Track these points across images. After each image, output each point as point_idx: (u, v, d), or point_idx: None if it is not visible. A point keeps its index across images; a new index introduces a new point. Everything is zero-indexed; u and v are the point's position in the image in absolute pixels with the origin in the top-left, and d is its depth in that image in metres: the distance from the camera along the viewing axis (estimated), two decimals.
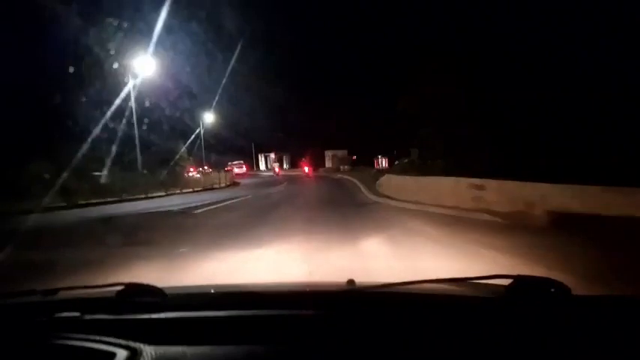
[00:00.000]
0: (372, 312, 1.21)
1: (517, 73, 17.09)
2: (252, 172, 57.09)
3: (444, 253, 5.34)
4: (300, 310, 1.23)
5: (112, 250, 6.57)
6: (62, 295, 1.43)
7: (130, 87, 23.55)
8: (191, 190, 25.74)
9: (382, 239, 6.42)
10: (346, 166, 49.46)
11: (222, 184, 32.15)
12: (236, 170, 55.51)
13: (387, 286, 1.29)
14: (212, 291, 1.53)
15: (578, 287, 1.17)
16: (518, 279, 1.18)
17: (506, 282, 1.21)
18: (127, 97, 25.78)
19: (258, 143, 71.35)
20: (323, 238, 6.71)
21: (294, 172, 52.12)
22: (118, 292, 1.32)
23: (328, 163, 58.26)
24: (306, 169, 46.37)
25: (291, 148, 68.34)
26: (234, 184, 34.85)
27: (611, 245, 5.05)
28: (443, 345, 1.05)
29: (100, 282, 1.51)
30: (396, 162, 27.09)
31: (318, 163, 57.25)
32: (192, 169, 38.79)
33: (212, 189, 28.48)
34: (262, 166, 72.84)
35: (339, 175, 36.00)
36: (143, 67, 23.69)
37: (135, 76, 23.42)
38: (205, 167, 45.63)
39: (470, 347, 1.04)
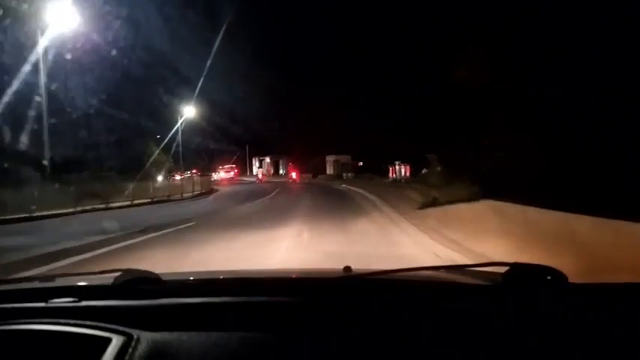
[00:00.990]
0: (369, 298, 1.18)
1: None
2: (239, 178, 49.21)
3: None
4: (297, 296, 1.20)
5: None
6: (59, 281, 1.42)
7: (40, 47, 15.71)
8: (129, 203, 17.76)
9: None
10: (350, 174, 41.39)
11: (188, 194, 24.25)
12: (222, 175, 49.18)
13: (385, 272, 1.26)
14: (209, 277, 1.53)
15: None
16: (514, 266, 1.18)
17: (502, 269, 1.19)
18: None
19: (254, 147, 64.18)
20: None
21: (287, 179, 44.23)
22: (115, 278, 1.29)
23: (330, 170, 50.28)
24: (294, 174, 39.78)
25: (289, 153, 60.57)
26: (208, 192, 27.01)
27: None
28: (440, 332, 1.02)
29: None
30: (424, 170, 18.92)
31: (318, 169, 49.39)
32: (178, 175, 31.97)
33: (167, 200, 20.60)
34: (256, 171, 64.99)
35: (344, 186, 27.30)
36: (60, 19, 15.72)
37: (43, 32, 15.49)
38: (194, 171, 42.22)
39: (467, 334, 1.00)
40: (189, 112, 31.95)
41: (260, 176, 49.18)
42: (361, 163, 40.85)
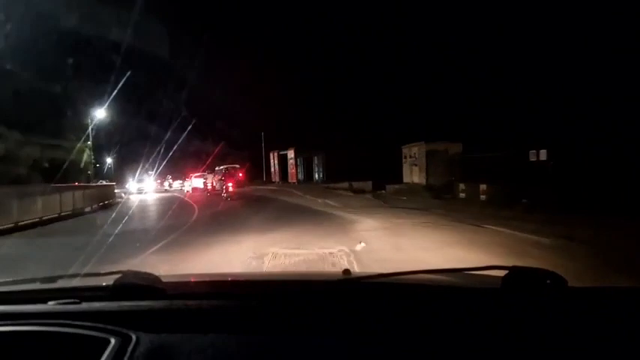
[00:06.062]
0: (368, 302, 1.20)
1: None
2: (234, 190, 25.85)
3: None
4: (296, 299, 1.22)
5: None
6: (60, 283, 1.44)
7: None
8: None
9: None
10: (484, 186, 15.87)
11: None
12: (194, 184, 31.62)
13: (383, 276, 1.27)
14: (209, 280, 1.54)
15: None
16: (513, 270, 1.17)
17: (501, 273, 1.18)
18: None
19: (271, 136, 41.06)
20: None
21: (332, 200, 18.96)
22: (115, 280, 1.30)
23: (411, 175, 24.69)
24: (230, 185, 22.37)
25: (330, 144, 35.46)
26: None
27: None
28: (439, 335, 1.03)
29: None
30: None
31: (385, 170, 24.43)
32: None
33: None
34: (275, 174, 41.04)
35: None
36: None
37: None
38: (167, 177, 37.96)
39: (466, 338, 1.01)
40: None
41: (210, 185, 28.62)
42: (551, 163, 14.29)
